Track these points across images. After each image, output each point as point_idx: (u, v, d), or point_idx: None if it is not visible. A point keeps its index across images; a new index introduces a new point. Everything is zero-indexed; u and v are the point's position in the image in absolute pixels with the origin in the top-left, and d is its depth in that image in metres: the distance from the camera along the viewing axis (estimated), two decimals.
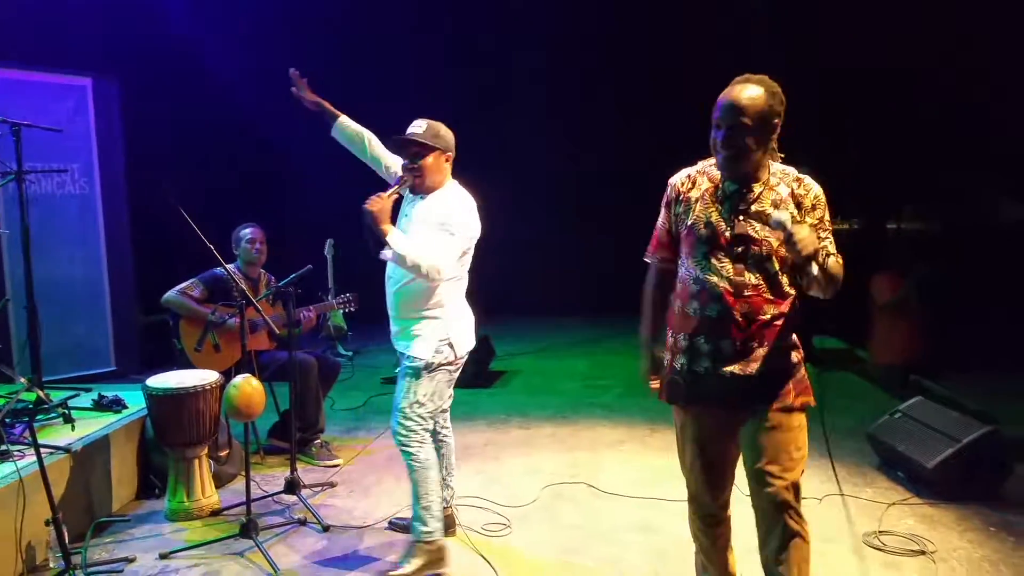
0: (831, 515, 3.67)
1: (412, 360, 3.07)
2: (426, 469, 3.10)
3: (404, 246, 2.88)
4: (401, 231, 3.02)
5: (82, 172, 5.70)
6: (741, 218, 2.30)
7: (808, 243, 2.11)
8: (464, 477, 3.92)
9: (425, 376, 3.06)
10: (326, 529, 3.57)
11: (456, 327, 3.12)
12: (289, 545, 3.44)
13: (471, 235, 3.08)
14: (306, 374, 4.38)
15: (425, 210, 3.07)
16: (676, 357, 2.41)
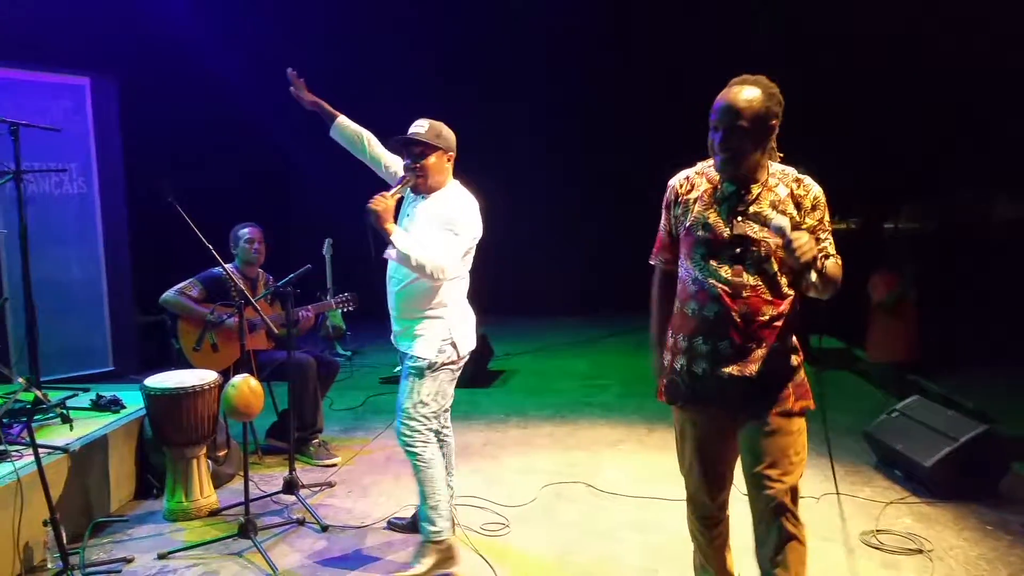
0: (829, 514, 3.68)
1: (415, 360, 3.07)
2: (431, 469, 3.09)
3: (408, 246, 2.88)
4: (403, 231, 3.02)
5: (80, 172, 5.69)
6: (739, 219, 2.29)
7: (807, 250, 2.10)
8: (463, 477, 3.91)
9: (428, 376, 3.06)
10: (325, 529, 3.57)
11: (459, 326, 3.12)
12: (288, 545, 3.44)
13: (475, 235, 3.08)
14: (304, 374, 4.38)
15: (428, 210, 3.07)
16: (676, 358, 2.41)
